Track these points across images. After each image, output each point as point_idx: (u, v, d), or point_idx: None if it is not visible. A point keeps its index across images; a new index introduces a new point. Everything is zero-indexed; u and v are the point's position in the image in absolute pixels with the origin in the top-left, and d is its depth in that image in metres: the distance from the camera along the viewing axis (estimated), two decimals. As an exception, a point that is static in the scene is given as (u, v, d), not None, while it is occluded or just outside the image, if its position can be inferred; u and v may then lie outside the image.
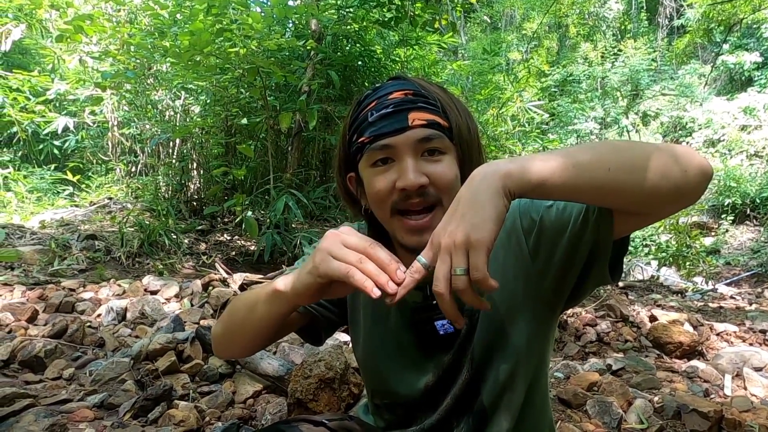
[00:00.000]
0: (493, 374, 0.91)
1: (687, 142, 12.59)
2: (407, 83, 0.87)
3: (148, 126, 5.86)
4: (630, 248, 9.24)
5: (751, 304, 5.20)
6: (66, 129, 6.16)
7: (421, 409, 0.99)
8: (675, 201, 0.73)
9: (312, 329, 1.03)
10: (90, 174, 7.13)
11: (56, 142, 7.67)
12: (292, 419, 1.04)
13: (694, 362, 2.92)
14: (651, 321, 3.54)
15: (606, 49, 16.13)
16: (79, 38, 4.23)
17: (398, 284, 0.67)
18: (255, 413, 1.79)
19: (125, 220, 4.40)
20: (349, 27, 5.67)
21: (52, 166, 7.62)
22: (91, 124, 6.54)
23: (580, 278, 0.84)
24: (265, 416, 1.75)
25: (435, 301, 0.88)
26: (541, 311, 0.90)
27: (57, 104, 6.90)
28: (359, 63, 6.05)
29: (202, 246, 4.79)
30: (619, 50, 15.95)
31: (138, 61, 4.66)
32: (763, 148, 10.91)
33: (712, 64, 13.16)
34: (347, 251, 0.71)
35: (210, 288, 3.24)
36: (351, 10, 5.50)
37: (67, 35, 4.16)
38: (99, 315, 2.75)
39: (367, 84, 6.03)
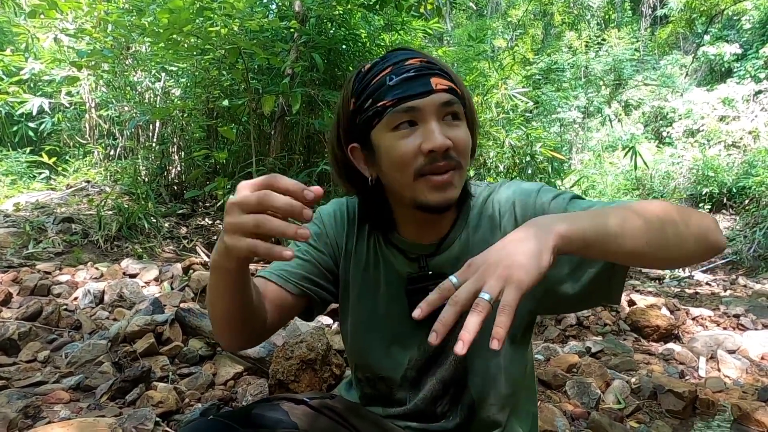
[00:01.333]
0: (482, 365, 0.93)
1: (667, 132, 12.76)
2: (417, 53, 0.89)
3: (127, 108, 5.73)
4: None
5: (725, 290, 5.32)
6: (41, 111, 5.99)
7: (404, 387, 0.99)
8: (683, 265, 0.83)
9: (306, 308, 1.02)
10: (67, 157, 6.96)
11: (31, 124, 7.44)
12: (273, 397, 1.02)
13: (671, 345, 2.98)
14: (629, 305, 3.60)
15: (590, 38, 16.19)
16: (53, 14, 4.08)
17: (309, 203, 0.64)
18: (236, 395, 1.78)
19: (103, 203, 4.31)
20: (333, 10, 5.59)
21: (28, 149, 7.39)
22: (68, 106, 6.37)
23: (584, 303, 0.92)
24: (246, 397, 1.74)
25: (430, 272, 0.92)
26: (534, 308, 0.94)
27: (32, 85, 6.69)
28: (344, 47, 5.97)
29: (183, 230, 4.72)
30: (603, 39, 16.03)
31: (115, 39, 4.52)
32: (741, 138, 11.11)
33: (693, 54, 13.33)
34: (244, 220, 0.66)
35: (191, 271, 3.20)
36: (335, -8, 5.42)
37: (40, 11, 4.02)
38: (75, 298, 2.70)
39: (351, 68, 5.96)
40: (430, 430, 0.98)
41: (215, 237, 4.70)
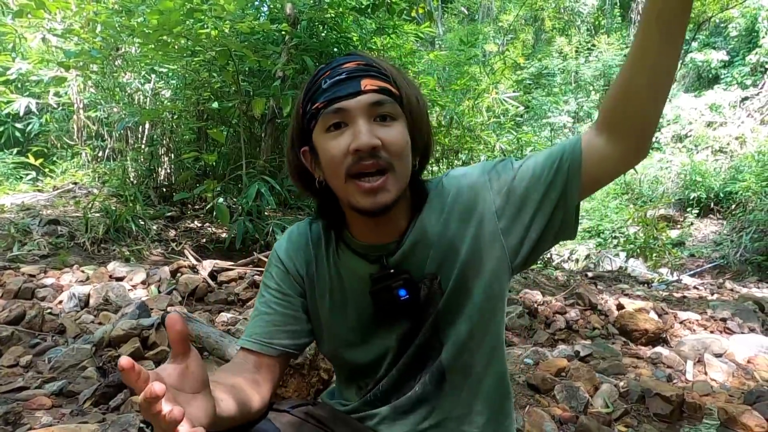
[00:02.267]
0: (454, 334, 0.94)
1: (656, 137, 12.88)
2: (359, 56, 0.90)
3: (116, 109, 5.68)
4: (600, 240, 9.44)
5: (712, 294, 5.37)
6: (29, 111, 5.91)
7: (381, 382, 1.00)
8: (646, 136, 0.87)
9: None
10: (54, 159, 6.88)
11: (18, 125, 7.36)
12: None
13: (659, 349, 3.00)
14: (618, 309, 3.61)
15: (580, 44, 16.35)
16: (40, 14, 4.04)
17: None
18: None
19: (90, 205, 4.26)
20: (325, 13, 5.58)
21: (14, 150, 7.31)
22: (56, 107, 6.30)
23: (545, 230, 0.91)
24: (233, 403, 1.71)
25: (393, 270, 0.92)
26: (502, 271, 0.94)
27: (18, 85, 6.62)
28: (335, 50, 5.97)
29: (172, 233, 4.68)
30: (593, 45, 16.19)
31: (104, 40, 4.48)
32: (728, 144, 11.25)
33: (681, 61, 13.46)
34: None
35: (178, 275, 3.17)
36: (327, -5, 5.42)
37: (27, 11, 3.97)
38: (60, 301, 2.66)
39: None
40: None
41: (204, 240, 4.67)
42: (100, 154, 6.22)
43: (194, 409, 0.67)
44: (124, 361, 0.56)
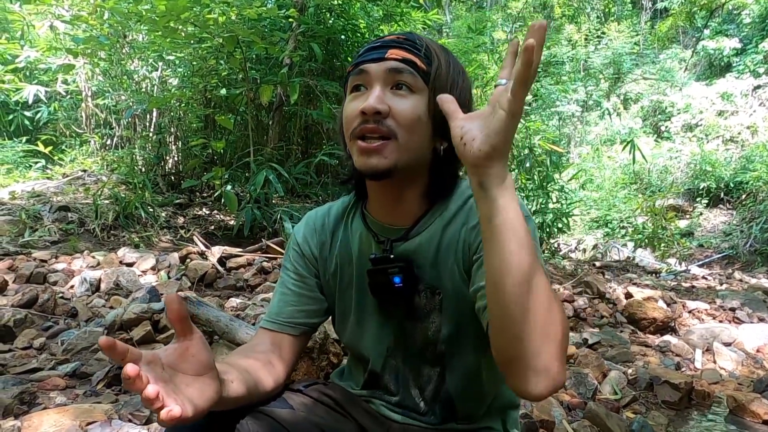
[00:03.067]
0: (458, 364, 0.94)
1: (666, 126, 12.76)
2: (406, 33, 0.91)
3: (123, 97, 5.68)
4: (608, 230, 9.38)
5: (721, 284, 5.35)
6: (38, 100, 5.93)
7: (389, 376, 1.00)
8: (514, 371, 0.70)
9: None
10: (63, 147, 6.91)
11: (27, 113, 7.39)
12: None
13: (667, 337, 2.99)
14: (626, 298, 3.61)
15: (590, 32, 16.14)
16: (48, 1, 4.03)
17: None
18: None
19: (100, 192, 4.28)
20: (332, -1, 5.54)
21: (23, 139, 7.34)
22: (64, 94, 6.31)
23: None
24: (243, 385, 1.73)
25: (392, 254, 0.92)
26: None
27: (27, 73, 6.64)
28: (342, 37, 5.93)
29: (180, 220, 4.70)
30: (603, 33, 15.97)
31: (112, 27, 4.48)
32: (739, 133, 11.11)
33: (692, 49, 13.31)
34: None
35: (188, 261, 3.19)
36: (334, -19, 5.37)
37: (36, -2, 3.97)
38: (72, 286, 2.69)
39: (350, 59, 5.92)
40: (413, 425, 0.99)
41: (212, 227, 4.69)
42: (108, 142, 6.23)
43: (193, 391, 0.66)
44: (103, 341, 0.57)
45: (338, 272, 1.00)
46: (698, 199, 10.05)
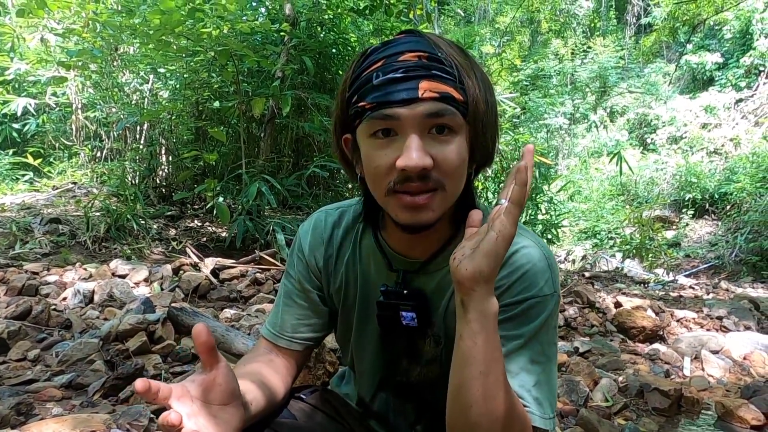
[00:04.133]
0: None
1: (651, 138, 12.98)
2: (422, 42, 0.75)
3: (114, 109, 5.68)
4: (596, 240, 9.47)
5: (708, 294, 5.42)
6: (26, 112, 5.91)
7: (374, 403, 1.00)
8: None
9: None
10: (51, 159, 6.87)
11: (16, 125, 7.34)
12: None
13: (656, 345, 3.04)
14: (616, 307, 3.65)
15: (576, 46, 16.45)
16: (41, 13, 4.05)
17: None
18: (229, 393, 1.78)
19: (91, 204, 4.26)
20: (323, 14, 5.62)
21: (11, 151, 7.29)
22: (54, 106, 6.30)
23: None
24: (240, 395, 1.74)
25: (405, 290, 0.85)
26: None
27: (16, 85, 6.61)
28: (333, 50, 6.00)
29: (172, 232, 4.69)
30: (589, 47, 16.29)
31: (104, 40, 4.50)
32: (722, 145, 11.34)
33: (676, 63, 13.59)
34: None
35: (181, 272, 3.19)
36: (326, -4, 5.46)
37: (28, 10, 3.98)
38: (65, 298, 2.67)
39: (341, 72, 5.99)
40: None
41: (204, 239, 4.68)
42: (98, 154, 6.22)
43: (221, 423, 0.66)
44: (139, 384, 0.58)
45: (343, 289, 0.95)
46: (684, 210, 10.21)
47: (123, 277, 3.12)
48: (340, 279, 0.95)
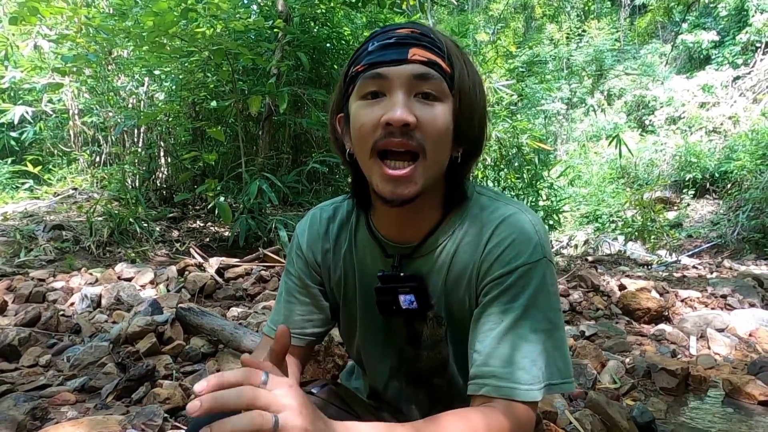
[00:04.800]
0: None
1: (650, 120, 12.94)
2: (417, 24, 0.81)
3: (111, 114, 5.68)
4: (598, 224, 9.48)
5: (711, 273, 5.43)
6: (23, 120, 5.91)
7: (387, 391, 1.00)
8: None
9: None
10: (50, 166, 6.87)
11: (13, 134, 7.34)
12: None
13: (662, 326, 3.05)
14: (620, 290, 3.67)
15: (571, 30, 16.35)
16: (34, 20, 4.04)
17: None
18: (240, 390, 1.80)
19: (93, 209, 4.28)
20: (316, 8, 5.60)
21: (9, 160, 7.29)
22: (51, 113, 6.30)
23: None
24: (251, 392, 1.76)
25: (402, 273, 0.86)
26: None
27: (11, 93, 6.60)
28: (328, 45, 5.98)
29: (175, 233, 4.71)
30: (584, 31, 16.19)
31: (98, 44, 4.49)
32: (721, 124, 11.30)
33: (672, 43, 13.52)
34: None
35: (186, 273, 3.21)
36: (318, -10, 5.44)
37: (21, 18, 3.97)
38: (72, 303, 2.69)
39: (336, 66, 5.98)
40: None
41: (207, 239, 4.70)
42: (97, 159, 6.22)
43: None
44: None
45: (342, 282, 0.96)
46: (685, 191, 10.20)
47: (129, 280, 3.13)
48: (339, 272, 0.96)
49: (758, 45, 11.86)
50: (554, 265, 0.84)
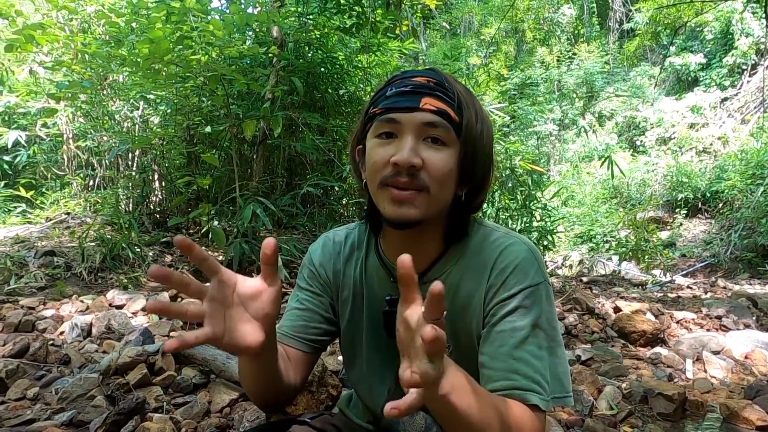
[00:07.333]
0: None
1: (641, 141, 13.11)
2: (434, 73, 0.89)
3: (105, 138, 5.69)
4: (592, 244, 9.52)
5: (706, 293, 5.44)
6: (17, 143, 5.90)
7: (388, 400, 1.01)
8: None
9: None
10: (44, 190, 6.84)
11: (6, 158, 7.32)
12: (276, 421, 1.05)
13: (657, 349, 3.04)
14: (615, 312, 3.66)
15: (561, 53, 16.66)
16: (30, 48, 4.07)
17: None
18: (232, 422, 1.77)
19: (85, 234, 4.24)
20: (310, 34, 5.67)
21: (2, 183, 7.26)
22: (45, 138, 6.30)
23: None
24: (243, 424, 1.73)
25: None
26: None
27: (6, 118, 6.61)
28: (322, 69, 6.05)
29: (168, 258, 4.67)
30: (574, 54, 16.50)
31: (93, 70, 4.52)
32: (711, 144, 11.46)
33: (660, 65, 13.77)
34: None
35: (178, 300, 3.17)
36: (312, 17, 5.51)
37: (17, 45, 4.00)
38: (62, 332, 2.65)
39: (330, 90, 6.03)
40: None
41: (201, 263, 4.65)
42: (90, 183, 6.20)
43: (239, 331, 0.72)
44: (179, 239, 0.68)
45: (350, 303, 1.02)
46: (677, 210, 10.28)
47: (120, 307, 3.09)
48: (347, 292, 1.02)
49: (744, 67, 12.11)
50: (551, 286, 0.91)
